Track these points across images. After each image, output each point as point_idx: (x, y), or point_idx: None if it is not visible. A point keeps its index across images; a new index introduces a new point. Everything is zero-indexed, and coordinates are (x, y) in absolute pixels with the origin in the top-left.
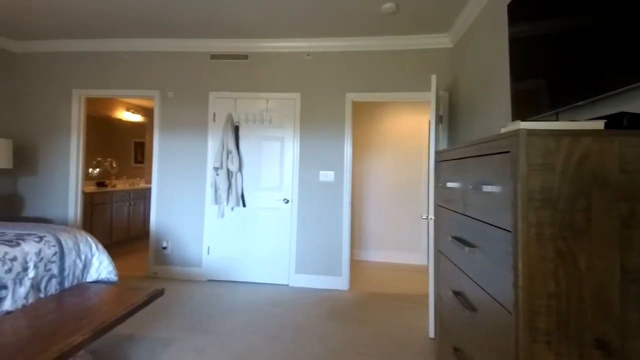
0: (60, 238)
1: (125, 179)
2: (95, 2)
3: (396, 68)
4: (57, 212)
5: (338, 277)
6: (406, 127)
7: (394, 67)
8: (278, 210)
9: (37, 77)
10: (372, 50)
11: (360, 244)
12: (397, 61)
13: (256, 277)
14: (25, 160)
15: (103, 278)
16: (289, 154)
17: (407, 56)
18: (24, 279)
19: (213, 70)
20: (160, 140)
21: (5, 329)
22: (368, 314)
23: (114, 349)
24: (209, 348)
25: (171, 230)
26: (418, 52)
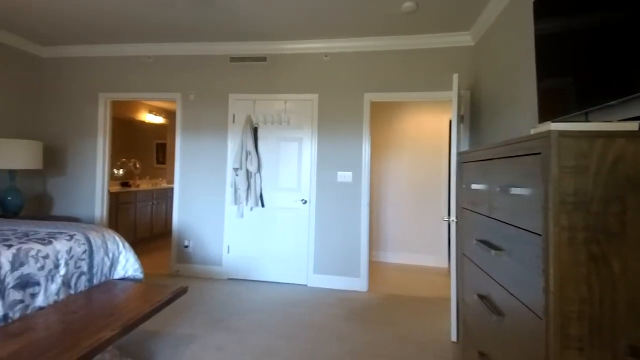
0: (90, 236)
1: (148, 179)
2: (120, 8)
3: (415, 67)
4: (84, 211)
5: (356, 278)
6: (425, 127)
7: (413, 66)
8: (296, 210)
9: (65, 81)
10: (390, 49)
11: (379, 245)
12: (417, 60)
13: (275, 277)
14: (54, 161)
15: (129, 275)
16: (307, 155)
17: (426, 55)
18: (55, 276)
19: (233, 72)
20: (182, 141)
21: (38, 324)
22: (387, 316)
23: (140, 345)
24: (230, 346)
25: (193, 230)
26: (438, 51)
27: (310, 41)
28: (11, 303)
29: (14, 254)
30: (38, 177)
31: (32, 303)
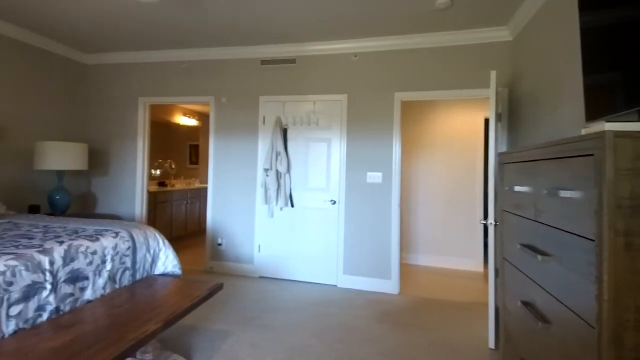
0: (133, 234)
1: (182, 179)
2: (157, 16)
3: (448, 65)
4: (125, 209)
5: (387, 280)
6: (458, 126)
7: (446, 64)
8: (325, 211)
9: (107, 86)
10: (422, 47)
11: (409, 248)
12: (450, 57)
13: (305, 276)
14: (98, 162)
15: (169, 271)
16: (336, 156)
17: (460, 52)
18: (102, 271)
19: (263, 75)
20: (215, 143)
21: (86, 316)
22: (420, 320)
23: (178, 339)
24: (263, 343)
25: (225, 228)
26: (473, 47)
27: (339, 41)
28: (63, 296)
29: (66, 250)
30: (83, 177)
31: (81, 296)
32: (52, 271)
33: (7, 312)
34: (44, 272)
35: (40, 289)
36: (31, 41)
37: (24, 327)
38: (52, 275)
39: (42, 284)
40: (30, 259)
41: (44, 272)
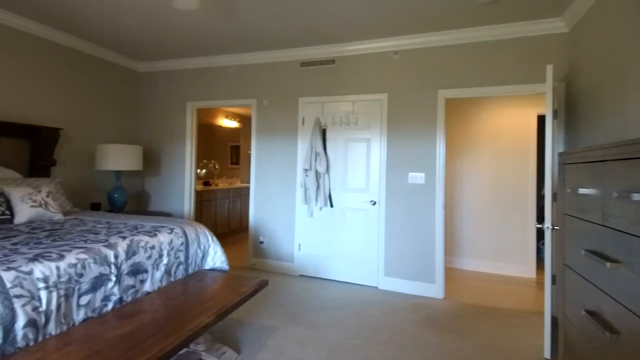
0: (186, 230)
1: (224, 178)
2: (203, 24)
3: (496, 60)
4: (175, 207)
5: (431, 284)
6: (508, 124)
7: (493, 58)
8: (365, 211)
9: (158, 92)
10: (467, 42)
11: (454, 251)
12: (498, 52)
13: (345, 277)
14: (151, 163)
15: (217, 267)
16: (376, 156)
17: (509, 45)
18: (159, 265)
19: (302, 76)
20: (257, 144)
21: (146, 307)
22: (468, 326)
23: (227, 332)
24: (308, 340)
25: (267, 227)
26: (523, 40)
27: (379, 40)
28: (125, 287)
29: (128, 245)
30: (138, 177)
31: (141, 288)
32: (117, 264)
33: (77, 301)
34: (109, 265)
35: (106, 280)
36: (92, 52)
37: (91, 316)
38: (117, 268)
39: (108, 276)
40: (97, 253)
41: (110, 265)
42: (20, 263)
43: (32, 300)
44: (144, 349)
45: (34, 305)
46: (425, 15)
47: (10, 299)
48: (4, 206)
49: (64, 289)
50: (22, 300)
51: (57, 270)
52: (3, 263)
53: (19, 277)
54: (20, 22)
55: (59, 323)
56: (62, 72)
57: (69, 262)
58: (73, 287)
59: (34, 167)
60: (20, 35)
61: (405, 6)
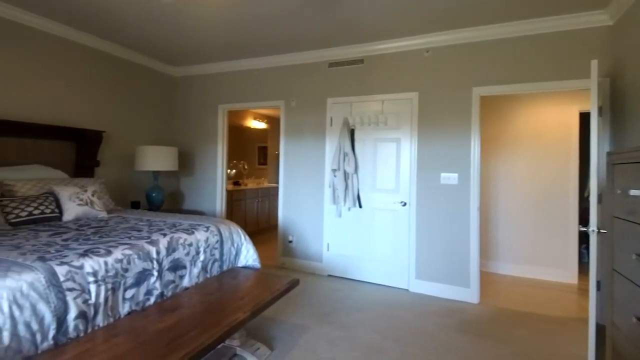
0: (220, 228)
1: (253, 178)
2: (234, 30)
3: (535, 55)
4: (208, 205)
5: (465, 288)
6: (547, 122)
7: (531, 54)
8: (395, 212)
9: (192, 95)
10: (503, 38)
11: (488, 255)
12: (536, 47)
13: (374, 278)
14: (185, 163)
15: (249, 264)
16: (406, 156)
17: (549, 40)
18: (196, 261)
19: (330, 77)
20: (285, 145)
21: (185, 302)
22: (505, 332)
23: (259, 329)
24: (339, 340)
25: (295, 226)
26: (564, 35)
27: (409, 38)
28: (166, 282)
29: (168, 242)
30: (174, 177)
31: (180, 283)
32: (158, 260)
33: (123, 295)
34: (152, 260)
35: (149, 275)
36: (132, 58)
37: (135, 309)
38: (158, 264)
39: (151, 271)
40: (141, 249)
41: (152, 260)
42: (71, 258)
43: (83, 294)
44: (185, 342)
45: (84, 298)
46: (458, 10)
47: (64, 292)
48: (53, 204)
49: (111, 283)
50: (73, 293)
51: (105, 265)
52: (57, 258)
53: (71, 272)
54: (68, 32)
55: (106, 315)
56: (105, 78)
57: (115, 258)
58: (119, 281)
59: (80, 168)
60: (67, 44)
61: (437, 3)
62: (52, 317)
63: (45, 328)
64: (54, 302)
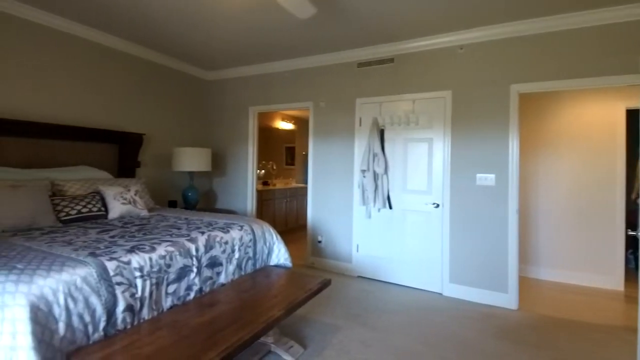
0: (253, 227)
1: (281, 178)
2: (263, 35)
3: (578, 50)
4: (239, 205)
5: (503, 293)
6: (591, 120)
7: (574, 48)
8: (427, 214)
9: (223, 98)
10: (544, 32)
11: (527, 259)
12: (579, 41)
13: (406, 281)
14: (218, 164)
15: (281, 263)
16: (439, 156)
17: (592, 34)
18: (232, 259)
19: (359, 77)
20: (314, 145)
21: (222, 298)
22: (546, 340)
23: (292, 327)
24: (373, 342)
25: (324, 226)
26: (608, 28)
27: (441, 35)
28: (204, 279)
29: (206, 239)
30: (207, 177)
31: (217, 280)
32: (197, 257)
33: (166, 289)
34: (192, 257)
35: (189, 271)
36: (168, 64)
37: (177, 304)
38: (197, 260)
39: (190, 268)
40: (182, 246)
41: (192, 257)
42: (120, 254)
43: (130, 288)
44: (225, 337)
45: (132, 292)
46: (494, 5)
47: (113, 286)
48: (100, 203)
49: (155, 277)
50: (122, 287)
51: (149, 261)
52: (106, 254)
53: (120, 267)
54: (113, 41)
55: (150, 309)
56: (144, 84)
57: (159, 254)
58: (162, 276)
59: (122, 169)
60: (111, 52)
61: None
62: (103, 310)
63: (96, 320)
64: (104, 296)
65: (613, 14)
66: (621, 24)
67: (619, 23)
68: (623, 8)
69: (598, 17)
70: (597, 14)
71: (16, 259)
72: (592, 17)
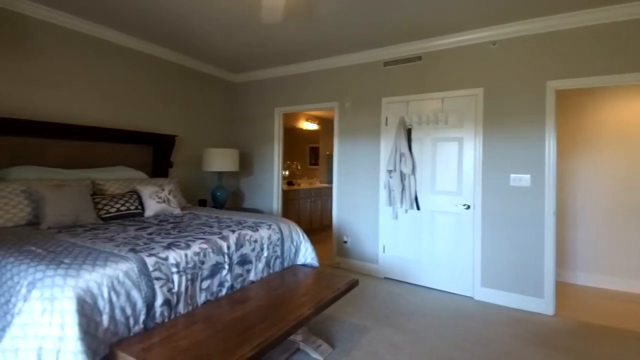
0: (281, 226)
1: (305, 179)
2: (289, 36)
3: (619, 44)
4: (265, 204)
5: (539, 298)
6: (634, 118)
7: (616, 42)
8: (457, 215)
9: (251, 100)
10: (582, 26)
11: (564, 263)
12: (622, 34)
13: (434, 283)
14: (245, 164)
15: (308, 262)
16: (469, 156)
17: (637, 27)
18: (261, 257)
19: (385, 76)
20: (339, 146)
21: (252, 295)
22: (586, 348)
23: (320, 326)
24: (402, 345)
25: (350, 227)
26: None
27: (472, 31)
28: (235, 276)
29: (237, 238)
30: (235, 177)
31: (247, 277)
32: (229, 254)
33: (200, 285)
34: (223, 255)
35: (221, 268)
36: (198, 67)
37: (210, 299)
38: (229, 258)
39: (222, 265)
40: (215, 244)
41: (224, 255)
42: (158, 250)
43: (168, 283)
44: (257, 333)
45: (169, 287)
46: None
47: (152, 280)
48: (137, 202)
49: (190, 273)
50: (160, 282)
51: (185, 257)
52: (145, 250)
53: (158, 262)
54: (148, 47)
55: (186, 304)
56: (176, 87)
57: (194, 251)
58: (197, 272)
59: (156, 169)
60: (146, 58)
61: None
62: (143, 303)
63: (136, 313)
64: (144, 290)
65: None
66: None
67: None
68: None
69: (637, 10)
70: (636, 6)
71: (63, 254)
72: (632, 10)
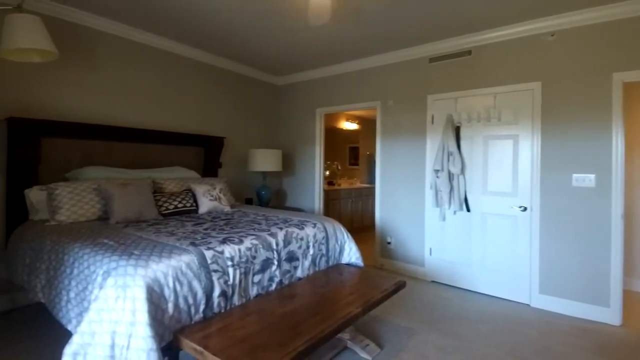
0: (326, 225)
1: (345, 179)
2: (330, 36)
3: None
4: (306, 204)
5: (604, 307)
6: None
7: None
8: (512, 218)
9: (293, 102)
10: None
11: (632, 271)
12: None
13: (487, 289)
14: (287, 164)
15: (353, 262)
16: (526, 154)
17: None
18: (307, 255)
19: (431, 72)
20: (382, 145)
21: (299, 291)
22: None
23: (367, 326)
24: (452, 350)
25: (393, 227)
26: None
27: (527, 22)
28: (283, 272)
29: (285, 235)
30: (278, 177)
31: (294, 274)
32: (278, 251)
33: (252, 279)
34: (272, 251)
35: (270, 264)
36: (243, 72)
37: (261, 293)
38: (277, 254)
39: (272, 260)
40: (264, 240)
41: (273, 251)
42: (214, 244)
43: (224, 275)
44: (307, 328)
45: (225, 279)
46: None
47: (210, 272)
48: (192, 199)
49: (243, 267)
50: (217, 274)
51: (239, 252)
52: (204, 244)
53: (215, 256)
54: (197, 54)
55: (240, 296)
56: (224, 91)
57: (246, 246)
58: (249, 266)
59: (207, 169)
60: (195, 64)
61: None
62: (202, 294)
63: (197, 302)
64: (203, 281)
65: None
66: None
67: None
68: None
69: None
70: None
71: (132, 247)
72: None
